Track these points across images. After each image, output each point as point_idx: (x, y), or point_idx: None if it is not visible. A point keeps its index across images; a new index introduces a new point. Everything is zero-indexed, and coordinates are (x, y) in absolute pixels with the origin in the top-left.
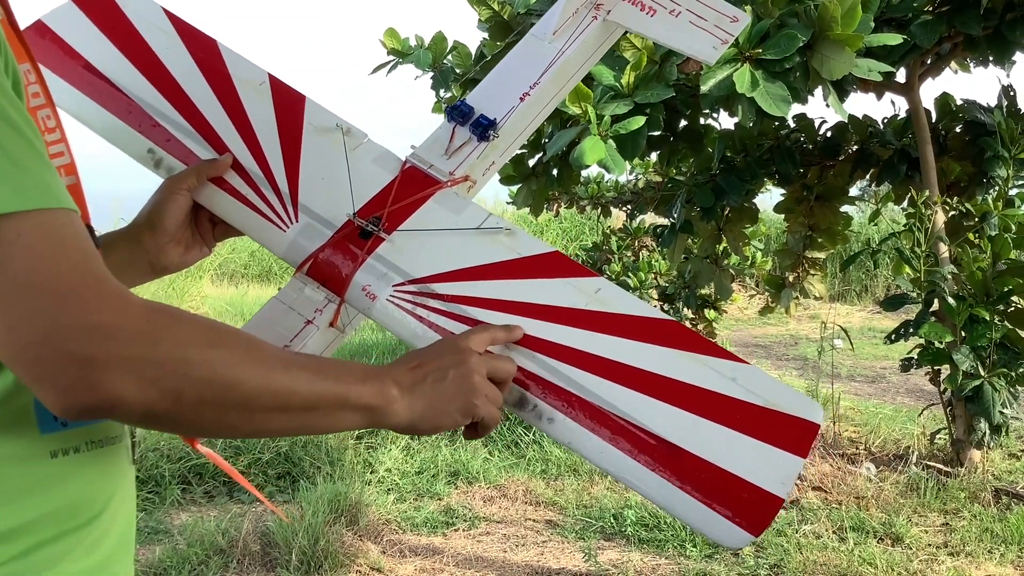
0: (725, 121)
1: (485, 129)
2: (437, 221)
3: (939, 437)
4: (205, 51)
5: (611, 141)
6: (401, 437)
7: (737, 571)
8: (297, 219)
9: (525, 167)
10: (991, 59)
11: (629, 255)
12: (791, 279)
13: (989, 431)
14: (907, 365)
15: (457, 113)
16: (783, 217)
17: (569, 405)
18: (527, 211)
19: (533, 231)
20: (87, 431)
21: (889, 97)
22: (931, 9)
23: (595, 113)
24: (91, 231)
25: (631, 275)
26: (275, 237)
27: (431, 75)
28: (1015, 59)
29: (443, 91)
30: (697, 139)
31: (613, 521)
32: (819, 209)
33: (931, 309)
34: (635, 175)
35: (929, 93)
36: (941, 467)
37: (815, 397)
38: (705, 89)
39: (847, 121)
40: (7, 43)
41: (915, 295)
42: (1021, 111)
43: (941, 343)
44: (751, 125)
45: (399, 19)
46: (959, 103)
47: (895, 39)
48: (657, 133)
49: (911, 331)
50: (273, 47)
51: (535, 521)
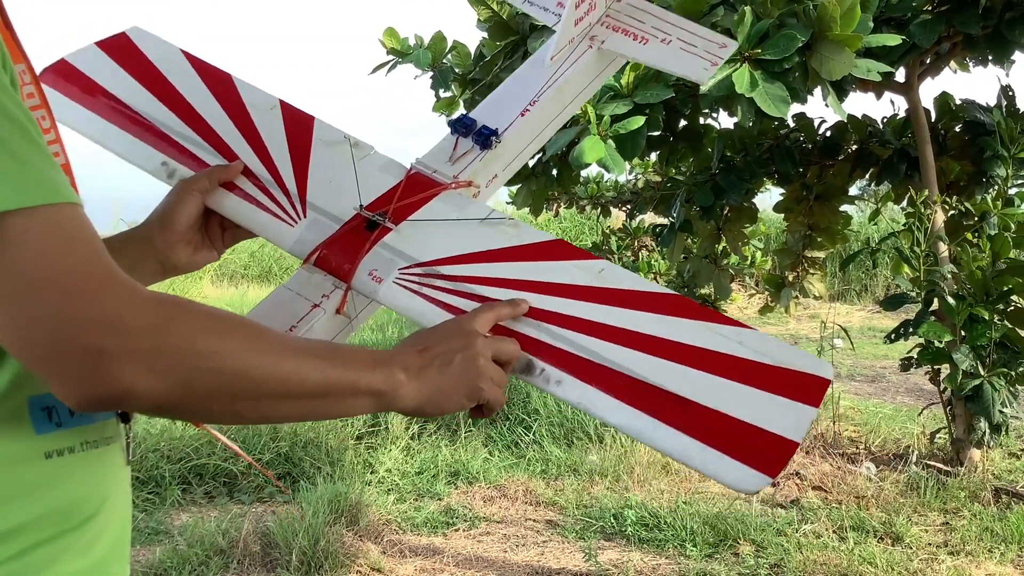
0: (724, 121)
1: (487, 138)
2: (442, 214)
3: (939, 436)
4: (220, 82)
5: (610, 141)
6: (401, 437)
7: (737, 571)
8: (305, 215)
9: (525, 167)
10: (990, 58)
11: (629, 255)
12: (791, 278)
13: (989, 430)
14: (907, 364)
15: (460, 125)
16: (782, 216)
17: (578, 367)
18: (527, 211)
19: None
20: (81, 432)
21: (888, 97)
22: (930, 9)
23: (595, 113)
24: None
25: None
26: (283, 232)
27: (430, 75)
28: (1014, 58)
29: (443, 91)
30: (696, 139)
31: (613, 521)
32: (818, 208)
33: (931, 308)
34: (634, 175)
35: (928, 93)
36: (941, 466)
37: None
38: (704, 89)
39: (846, 121)
40: (3, 44)
41: (915, 294)
42: (1020, 110)
43: (941, 342)
44: (750, 125)
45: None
46: (958, 102)
47: (894, 39)
48: (656, 133)
49: (911, 330)
50: (272, 47)
51: (535, 521)
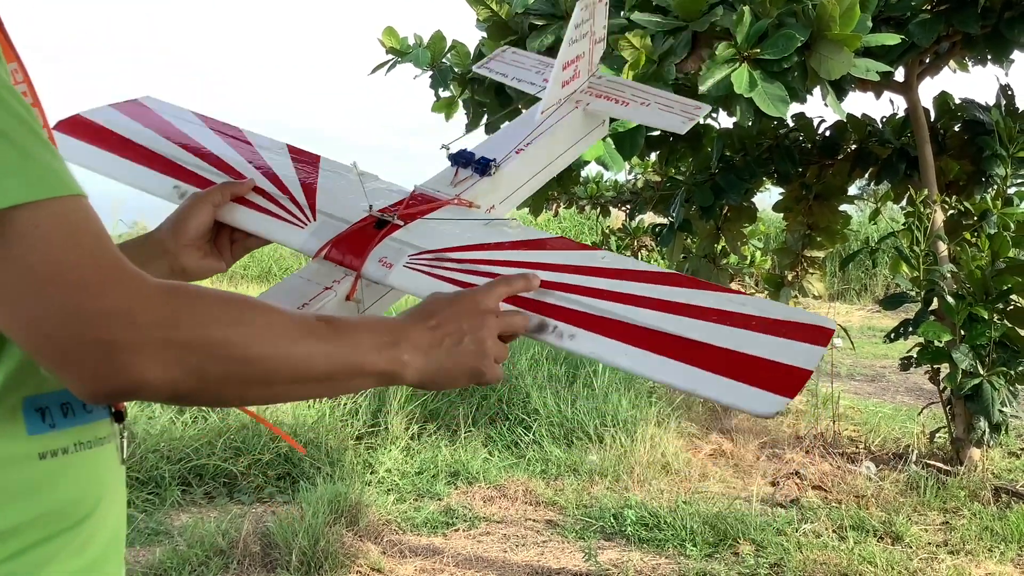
0: (724, 120)
1: (486, 165)
2: (448, 215)
3: (939, 436)
4: (229, 130)
5: (609, 139)
6: (401, 437)
7: (737, 570)
8: (315, 218)
9: None
10: (989, 58)
11: (628, 255)
12: (790, 278)
13: (989, 429)
14: (906, 364)
15: (460, 157)
16: (782, 216)
17: (589, 322)
18: (526, 211)
19: None
20: (75, 432)
21: (888, 96)
22: (929, 8)
23: None
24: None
25: None
26: (293, 233)
27: (430, 74)
28: (1013, 58)
29: (442, 90)
30: (696, 138)
31: (613, 521)
32: (818, 208)
33: (930, 308)
34: (634, 175)
35: (928, 92)
36: (941, 466)
37: (815, 397)
38: (703, 89)
39: (846, 120)
40: None
41: (914, 294)
42: (1019, 110)
43: (940, 342)
44: (749, 125)
45: (398, 18)
46: (957, 102)
47: (893, 39)
48: (656, 133)
49: (910, 330)
50: (272, 47)
51: (535, 521)
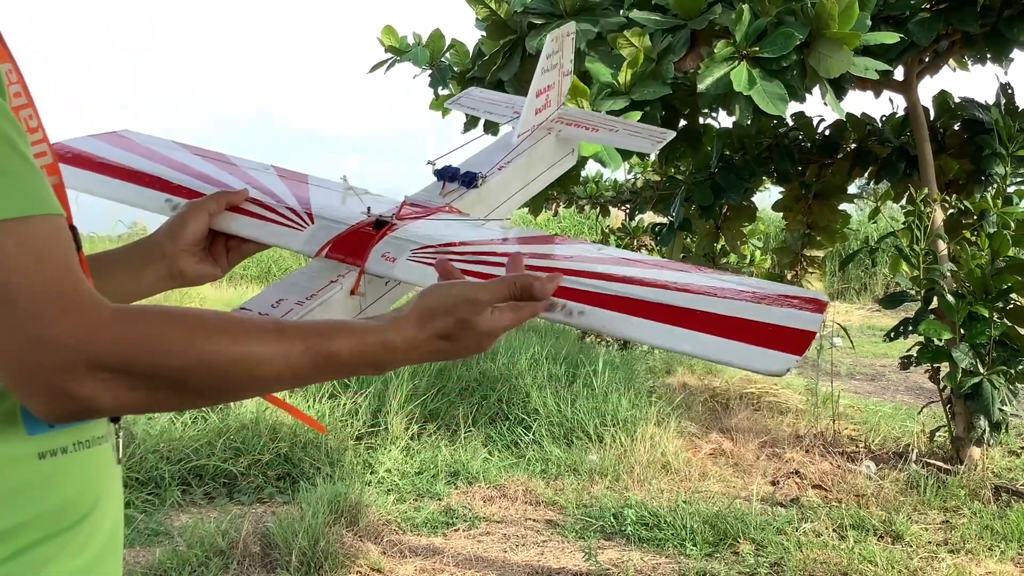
0: (724, 120)
1: (473, 179)
2: (442, 219)
3: (939, 435)
4: (214, 155)
5: None
6: (401, 437)
7: (737, 569)
8: (312, 222)
9: None
10: (989, 57)
11: None
12: (789, 277)
13: (989, 428)
14: (906, 363)
15: (446, 172)
16: (781, 215)
17: (598, 299)
18: (526, 211)
19: None
20: (73, 432)
21: (887, 95)
22: (929, 7)
23: (591, 110)
24: (74, 232)
25: None
26: (292, 237)
27: (429, 73)
28: (1013, 56)
29: (441, 88)
30: (696, 138)
31: (613, 520)
32: (817, 207)
33: (930, 307)
34: (633, 174)
35: (927, 91)
36: (941, 465)
37: (815, 396)
38: (702, 87)
39: (845, 119)
40: None
41: (914, 293)
42: (1019, 108)
43: (940, 341)
44: (749, 124)
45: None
46: (957, 101)
47: (892, 37)
48: None
49: (910, 329)
50: (272, 47)
51: (535, 521)
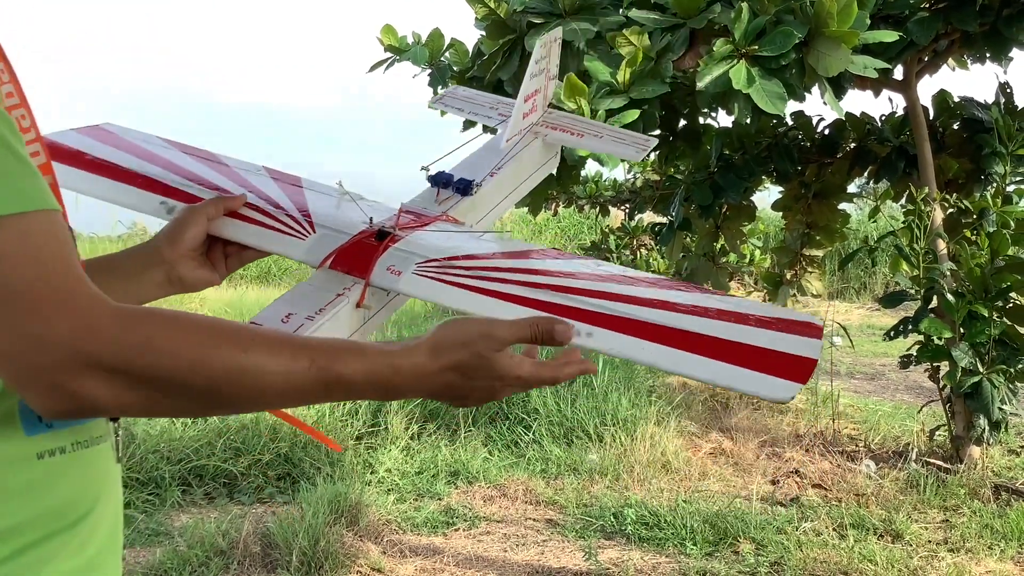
0: (723, 119)
1: (467, 186)
2: (441, 229)
3: (939, 434)
4: (203, 153)
5: None
6: (401, 437)
7: (737, 569)
8: (314, 231)
9: None
10: (988, 56)
11: (627, 254)
12: (789, 277)
13: (988, 427)
14: (906, 362)
15: (440, 179)
16: (781, 215)
17: (605, 321)
18: (525, 210)
19: (532, 231)
20: (72, 432)
21: (886, 94)
22: (928, 6)
23: (590, 108)
24: (69, 231)
25: None
26: (293, 244)
27: (428, 72)
28: (1012, 55)
29: (440, 88)
30: (695, 137)
31: (613, 520)
32: (817, 206)
33: (930, 306)
34: (633, 174)
35: (926, 90)
36: (941, 464)
37: (814, 395)
38: (701, 86)
39: (845, 118)
40: None
41: (914, 292)
42: (1018, 108)
43: (940, 340)
44: (748, 122)
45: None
46: (956, 100)
47: (891, 36)
48: (655, 132)
49: (910, 328)
50: (272, 47)
51: (535, 520)
